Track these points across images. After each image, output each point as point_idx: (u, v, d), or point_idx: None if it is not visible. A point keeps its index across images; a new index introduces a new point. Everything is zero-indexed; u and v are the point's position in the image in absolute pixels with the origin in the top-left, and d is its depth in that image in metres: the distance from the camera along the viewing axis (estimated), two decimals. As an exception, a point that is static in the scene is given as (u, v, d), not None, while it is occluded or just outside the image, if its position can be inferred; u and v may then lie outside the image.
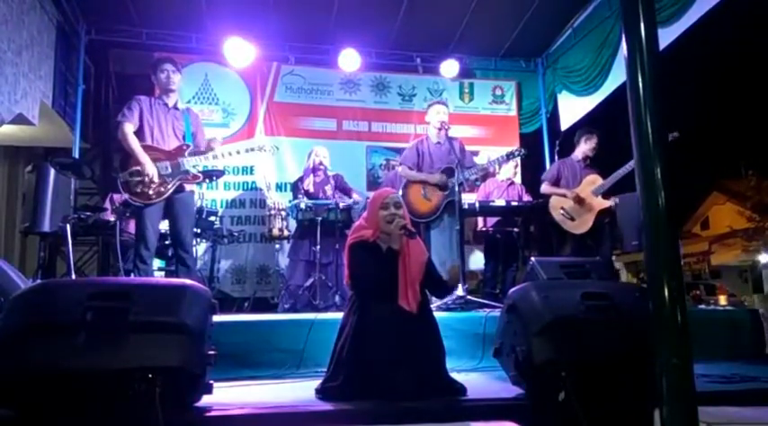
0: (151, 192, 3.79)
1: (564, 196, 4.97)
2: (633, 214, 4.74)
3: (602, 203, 4.84)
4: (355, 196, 5.23)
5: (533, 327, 2.29)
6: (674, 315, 1.52)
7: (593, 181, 4.94)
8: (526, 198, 5.60)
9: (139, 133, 3.88)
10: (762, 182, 17.23)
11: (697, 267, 22.03)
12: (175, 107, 4.07)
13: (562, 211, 4.96)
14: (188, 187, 3.98)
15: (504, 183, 5.70)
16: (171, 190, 3.85)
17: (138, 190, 3.78)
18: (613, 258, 5.47)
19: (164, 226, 4.24)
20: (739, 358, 3.62)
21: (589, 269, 3.90)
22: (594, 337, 2.27)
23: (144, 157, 3.78)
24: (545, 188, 5.17)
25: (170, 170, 3.87)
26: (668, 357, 1.52)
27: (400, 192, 4.53)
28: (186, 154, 3.93)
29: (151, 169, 3.77)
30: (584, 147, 5.17)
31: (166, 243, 4.73)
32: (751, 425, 2.17)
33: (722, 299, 6.14)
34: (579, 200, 4.90)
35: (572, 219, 4.92)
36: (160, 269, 5.30)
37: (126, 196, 3.82)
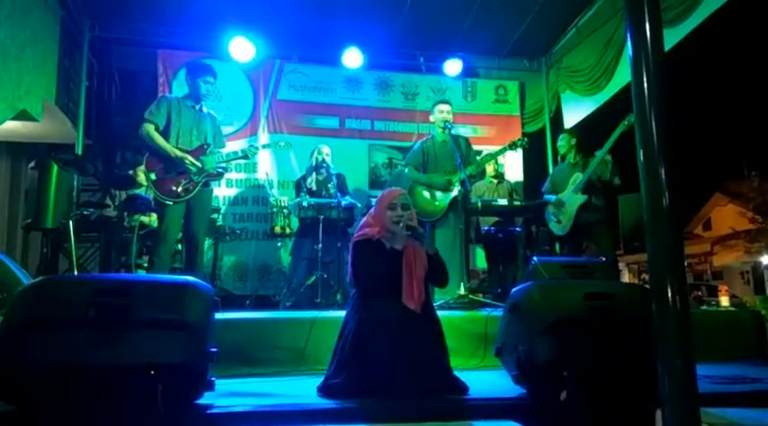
0: (180, 190, 3.86)
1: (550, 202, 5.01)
2: (634, 214, 4.74)
3: (578, 199, 4.73)
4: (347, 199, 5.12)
5: (535, 327, 2.28)
6: (677, 316, 1.52)
7: (574, 180, 4.89)
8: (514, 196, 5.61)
9: (165, 132, 3.95)
10: (764, 184, 17.22)
11: (699, 268, 22.04)
12: (200, 109, 4.15)
13: (552, 216, 4.97)
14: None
15: (492, 185, 5.71)
16: (198, 188, 3.93)
17: (168, 188, 3.84)
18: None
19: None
20: (741, 359, 3.61)
21: (591, 269, 3.89)
22: (597, 337, 2.26)
23: (178, 151, 3.87)
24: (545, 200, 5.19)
25: (196, 168, 3.94)
26: (670, 358, 1.51)
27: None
28: (207, 152, 4.01)
29: (189, 159, 3.88)
30: (557, 147, 5.27)
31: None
32: (753, 427, 2.17)
33: (724, 300, 6.10)
34: (560, 203, 4.87)
35: (559, 222, 4.91)
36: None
37: (158, 194, 3.84)
